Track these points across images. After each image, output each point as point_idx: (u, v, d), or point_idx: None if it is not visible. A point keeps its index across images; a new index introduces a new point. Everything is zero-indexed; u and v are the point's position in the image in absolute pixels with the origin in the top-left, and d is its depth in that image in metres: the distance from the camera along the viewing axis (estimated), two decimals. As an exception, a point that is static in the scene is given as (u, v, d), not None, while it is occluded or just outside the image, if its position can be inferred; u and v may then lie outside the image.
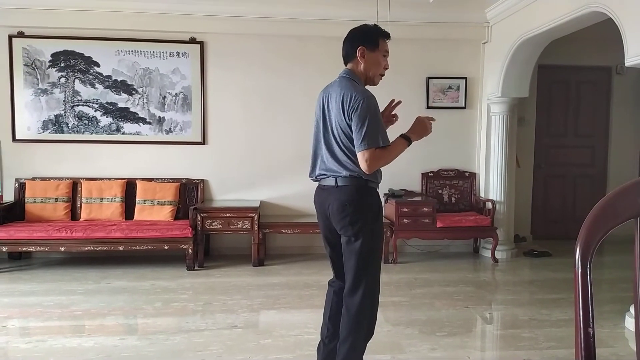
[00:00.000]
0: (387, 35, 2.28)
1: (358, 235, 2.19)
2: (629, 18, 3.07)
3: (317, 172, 2.30)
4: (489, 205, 4.94)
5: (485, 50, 5.19)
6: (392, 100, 2.41)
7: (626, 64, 3.13)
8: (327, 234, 2.35)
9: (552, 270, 4.55)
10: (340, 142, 2.19)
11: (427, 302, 3.62)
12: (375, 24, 2.30)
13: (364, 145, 2.09)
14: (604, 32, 4.09)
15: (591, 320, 0.90)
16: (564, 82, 5.86)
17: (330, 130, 2.23)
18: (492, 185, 5.11)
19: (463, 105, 5.24)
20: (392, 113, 2.41)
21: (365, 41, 2.23)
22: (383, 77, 2.32)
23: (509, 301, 3.73)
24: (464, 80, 5.21)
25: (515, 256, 5.08)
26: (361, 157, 2.11)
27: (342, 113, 2.15)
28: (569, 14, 3.70)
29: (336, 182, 2.21)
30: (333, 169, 2.22)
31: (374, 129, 2.11)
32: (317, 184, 2.38)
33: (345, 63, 2.30)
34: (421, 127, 2.28)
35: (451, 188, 5.27)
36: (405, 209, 4.72)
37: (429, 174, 5.24)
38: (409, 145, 2.25)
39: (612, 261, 4.85)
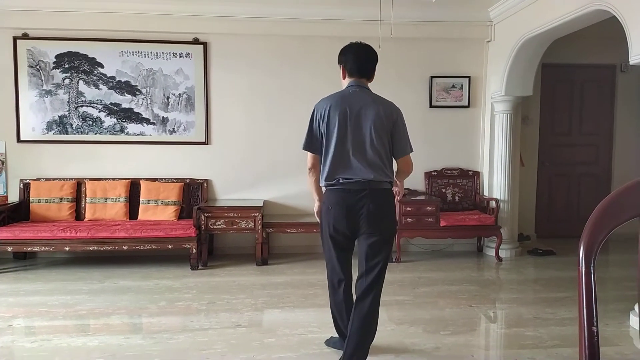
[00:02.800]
0: None
1: (390, 237, 2.38)
2: (633, 16, 3.06)
3: (339, 175, 2.34)
4: (493, 204, 4.93)
5: (489, 49, 5.17)
6: None
7: (630, 62, 3.12)
8: (345, 239, 2.41)
9: (557, 269, 4.54)
10: (378, 149, 2.31)
11: (430, 301, 3.62)
12: None
13: (409, 149, 2.42)
14: (608, 30, 4.07)
15: (595, 319, 0.90)
16: (568, 81, 5.83)
17: (363, 138, 2.31)
18: (496, 184, 5.09)
19: (466, 104, 5.23)
20: None
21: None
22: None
23: (513, 300, 3.72)
24: (468, 79, 5.20)
25: (519, 255, 5.07)
26: (407, 160, 2.43)
27: (386, 123, 2.32)
28: (573, 12, 3.68)
29: (370, 186, 2.30)
30: (364, 174, 2.30)
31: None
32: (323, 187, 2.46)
33: (358, 76, 2.40)
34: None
35: (455, 187, 5.26)
36: (408, 208, 4.72)
37: (433, 173, 5.24)
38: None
39: (617, 259, 4.84)
